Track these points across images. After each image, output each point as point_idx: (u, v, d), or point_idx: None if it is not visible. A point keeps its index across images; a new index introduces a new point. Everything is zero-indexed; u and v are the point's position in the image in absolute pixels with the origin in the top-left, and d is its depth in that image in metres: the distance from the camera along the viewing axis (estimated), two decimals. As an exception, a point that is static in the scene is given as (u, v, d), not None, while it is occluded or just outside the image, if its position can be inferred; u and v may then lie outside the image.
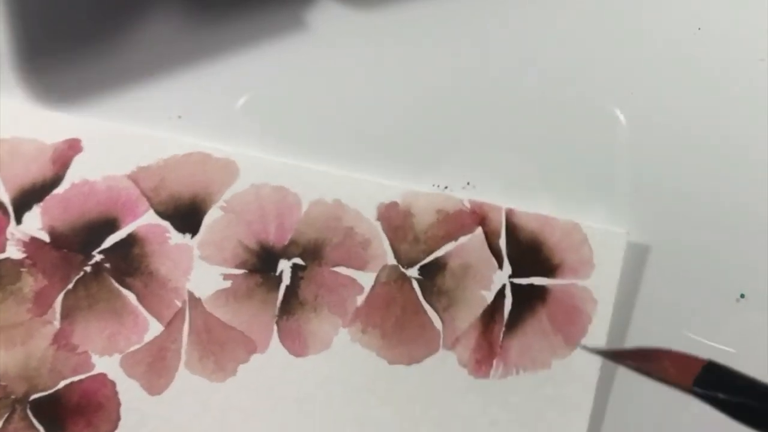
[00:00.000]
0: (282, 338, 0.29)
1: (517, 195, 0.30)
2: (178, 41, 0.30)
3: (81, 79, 0.30)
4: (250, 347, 0.29)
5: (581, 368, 0.29)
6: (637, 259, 0.30)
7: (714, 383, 0.19)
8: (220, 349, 0.29)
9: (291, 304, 0.29)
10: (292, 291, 0.29)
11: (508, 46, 0.31)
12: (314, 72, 0.30)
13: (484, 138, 0.30)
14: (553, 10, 0.31)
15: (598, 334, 0.29)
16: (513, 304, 0.30)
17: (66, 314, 0.29)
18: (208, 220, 0.29)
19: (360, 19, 0.31)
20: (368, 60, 0.30)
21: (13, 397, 0.28)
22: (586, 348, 0.28)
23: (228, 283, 0.29)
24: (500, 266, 0.30)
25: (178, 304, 0.29)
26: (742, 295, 0.29)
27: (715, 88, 0.30)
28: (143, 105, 0.30)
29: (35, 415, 0.28)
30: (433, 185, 0.30)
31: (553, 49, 0.31)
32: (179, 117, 0.30)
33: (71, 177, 0.29)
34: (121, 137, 0.29)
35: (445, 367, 0.29)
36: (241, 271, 0.29)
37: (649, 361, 0.21)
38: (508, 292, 0.30)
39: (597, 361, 0.29)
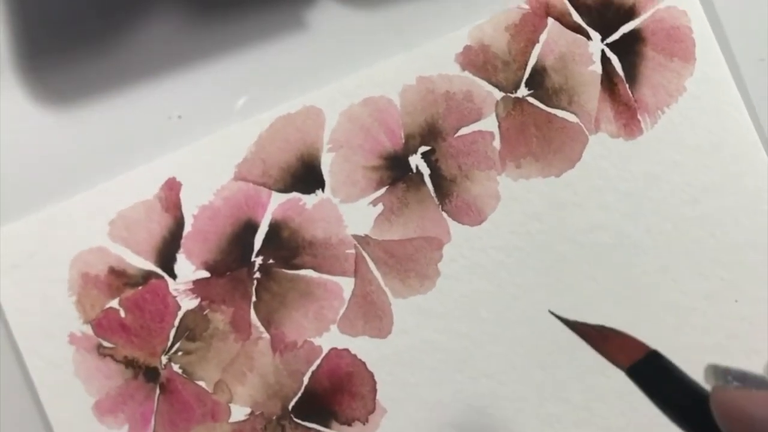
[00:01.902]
0: (458, 219, 0.29)
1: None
2: (178, 41, 0.30)
3: (81, 79, 0.29)
4: (436, 244, 0.29)
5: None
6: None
7: (651, 372, 0.21)
8: (414, 263, 0.29)
9: (443, 186, 0.29)
10: (437, 176, 0.29)
11: None
12: (314, 72, 0.30)
13: None
14: None
15: (705, 39, 0.30)
16: (620, 60, 0.30)
17: (267, 322, 0.29)
18: (326, 168, 0.29)
19: (360, 19, 0.30)
20: (369, 60, 0.30)
21: (275, 417, 0.28)
22: (553, 313, 0.29)
23: (380, 208, 0.29)
24: (588, 37, 0.30)
25: (352, 252, 0.29)
26: None
27: None
28: (143, 105, 0.29)
29: (303, 419, 0.28)
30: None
31: None
32: (179, 117, 0.30)
33: (189, 211, 0.29)
34: (202, 152, 0.29)
35: (603, 146, 0.30)
36: (383, 190, 0.29)
37: (602, 340, 0.23)
38: (609, 54, 0.30)
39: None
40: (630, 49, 0.30)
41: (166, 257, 0.29)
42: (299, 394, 0.28)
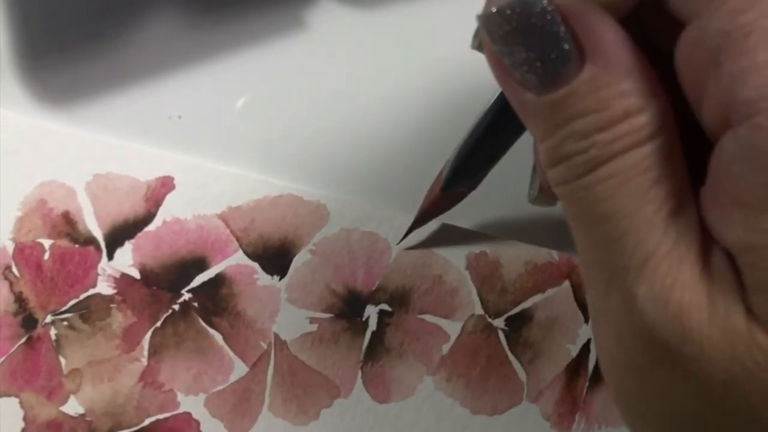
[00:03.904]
0: (366, 384, 0.29)
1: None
2: (178, 41, 0.30)
3: (80, 79, 0.30)
4: (334, 392, 0.29)
5: (664, 426, 0.29)
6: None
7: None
8: (304, 392, 0.29)
9: (376, 350, 0.29)
10: (378, 337, 0.29)
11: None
12: (314, 72, 0.30)
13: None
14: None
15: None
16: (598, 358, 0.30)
17: (153, 352, 0.29)
18: (296, 263, 0.29)
19: (360, 19, 0.31)
20: (369, 60, 0.30)
21: (98, 433, 0.28)
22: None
23: (314, 327, 0.29)
24: (586, 320, 0.30)
25: (264, 345, 0.29)
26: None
27: None
28: (143, 105, 0.30)
29: (119, 453, 0.28)
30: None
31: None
32: (179, 117, 0.30)
33: (163, 215, 0.29)
34: (212, 176, 0.30)
35: (528, 419, 0.29)
36: (327, 315, 0.29)
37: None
38: (593, 346, 0.30)
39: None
40: (612, 356, 0.30)
41: (116, 238, 0.29)
42: (131, 430, 0.28)
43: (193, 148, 0.30)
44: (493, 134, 0.24)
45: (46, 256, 0.29)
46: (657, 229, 0.15)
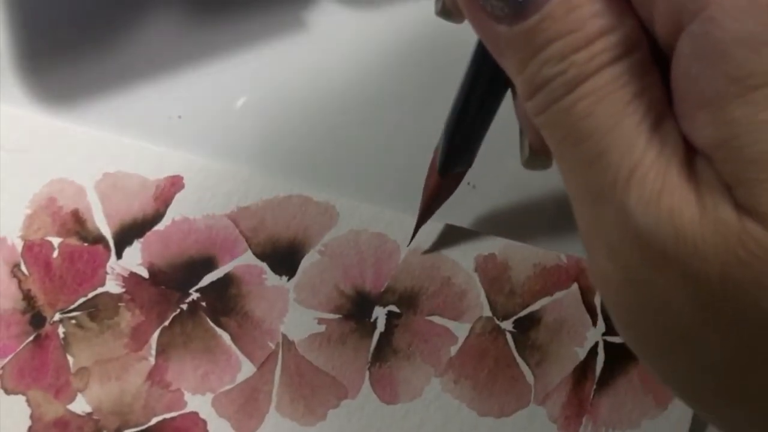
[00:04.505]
0: (373, 385, 0.29)
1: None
2: (178, 41, 0.30)
3: (80, 79, 0.30)
4: (341, 393, 0.29)
5: (671, 429, 0.29)
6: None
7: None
8: (311, 393, 0.29)
9: (384, 351, 0.29)
10: (385, 338, 0.29)
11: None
12: (314, 72, 0.30)
13: (489, 135, 0.30)
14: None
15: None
16: (605, 361, 0.30)
17: (161, 351, 0.29)
18: (305, 264, 0.29)
19: (360, 19, 0.31)
20: (369, 60, 0.30)
21: (105, 432, 0.28)
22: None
23: (322, 328, 0.29)
24: (594, 323, 0.30)
25: (272, 346, 0.29)
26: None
27: None
28: (143, 105, 0.30)
29: (126, 452, 0.28)
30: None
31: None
32: (179, 117, 0.30)
33: (172, 214, 0.29)
34: (222, 176, 0.30)
35: (535, 422, 0.29)
36: (335, 316, 0.29)
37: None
38: (600, 349, 0.30)
39: (687, 421, 0.29)
40: (620, 360, 0.30)
41: (125, 236, 0.29)
42: (138, 429, 0.28)
43: (193, 148, 0.30)
44: (474, 103, 0.24)
45: (55, 254, 0.29)
46: (641, 139, 0.15)
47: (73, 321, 0.29)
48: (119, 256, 0.29)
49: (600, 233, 0.16)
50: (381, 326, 0.29)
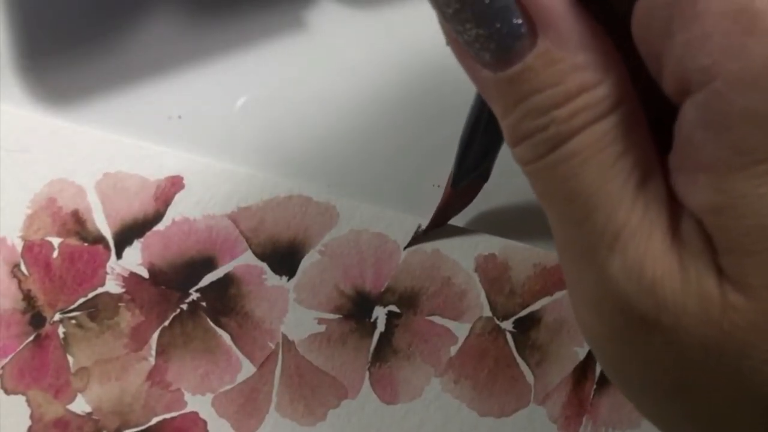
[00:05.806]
0: (373, 385, 0.29)
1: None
2: (178, 41, 0.30)
3: (81, 79, 0.30)
4: (341, 393, 0.29)
5: (670, 430, 0.29)
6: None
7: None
8: (311, 393, 0.29)
9: (384, 351, 0.29)
10: (386, 338, 0.29)
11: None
12: (314, 72, 0.30)
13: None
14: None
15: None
16: (605, 362, 0.30)
17: (161, 351, 0.29)
18: (305, 264, 0.29)
19: (360, 19, 0.31)
20: (369, 60, 0.30)
21: (105, 432, 0.28)
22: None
23: (322, 328, 0.29)
24: (593, 323, 0.30)
25: (272, 346, 0.29)
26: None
27: None
28: (143, 105, 0.30)
29: (126, 452, 0.28)
30: (433, 185, 0.30)
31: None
32: (179, 117, 0.30)
33: (172, 214, 0.29)
34: (222, 176, 0.30)
35: (535, 422, 0.29)
36: (335, 316, 0.29)
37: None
38: (600, 349, 0.30)
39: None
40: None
41: (125, 237, 0.29)
42: (139, 429, 0.28)
43: (193, 148, 0.30)
44: (487, 118, 0.24)
45: (55, 254, 0.29)
46: (624, 202, 0.15)
47: (73, 321, 0.29)
48: (119, 256, 0.29)
49: (585, 289, 0.16)
50: (381, 326, 0.29)
